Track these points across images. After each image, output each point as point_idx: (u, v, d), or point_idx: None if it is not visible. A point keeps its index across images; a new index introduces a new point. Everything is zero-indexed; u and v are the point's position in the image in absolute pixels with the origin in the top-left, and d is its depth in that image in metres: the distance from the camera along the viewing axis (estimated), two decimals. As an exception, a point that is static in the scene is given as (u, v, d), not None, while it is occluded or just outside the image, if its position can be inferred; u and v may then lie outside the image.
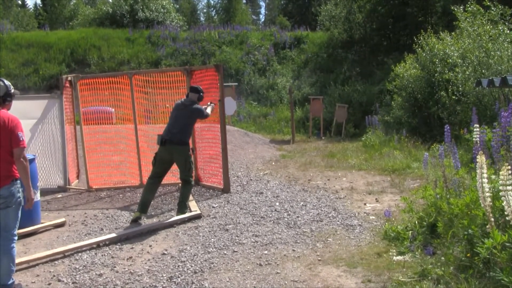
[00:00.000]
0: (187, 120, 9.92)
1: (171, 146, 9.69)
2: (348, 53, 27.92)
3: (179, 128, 9.78)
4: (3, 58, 29.41)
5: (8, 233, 6.30)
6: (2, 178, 6.21)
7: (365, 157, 15.19)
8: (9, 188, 6.27)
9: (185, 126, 9.86)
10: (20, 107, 12.69)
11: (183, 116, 9.91)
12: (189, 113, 9.96)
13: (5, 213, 6.25)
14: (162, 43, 30.78)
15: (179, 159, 9.82)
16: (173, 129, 9.78)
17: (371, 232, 8.49)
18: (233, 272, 7.04)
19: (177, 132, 9.74)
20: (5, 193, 6.22)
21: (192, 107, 9.97)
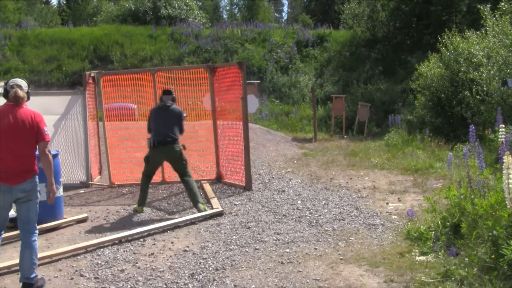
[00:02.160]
0: (173, 120, 10.17)
1: (164, 147, 10.02)
2: (371, 52, 27.77)
3: (169, 128, 10.07)
4: (27, 54, 29.62)
5: (30, 226, 6.48)
6: (25, 173, 6.37)
7: (388, 156, 15.10)
8: (31, 182, 6.42)
9: (174, 126, 10.13)
10: (44, 103, 12.77)
11: (169, 117, 10.18)
12: (173, 113, 10.22)
13: (26, 207, 6.43)
14: (185, 40, 30.80)
15: (175, 157, 10.16)
16: (163, 130, 10.04)
17: (393, 231, 8.43)
18: (254, 269, 7.03)
19: (167, 132, 10.03)
20: (28, 187, 6.38)
21: (175, 108, 10.32)
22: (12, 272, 7.25)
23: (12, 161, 6.28)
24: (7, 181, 6.24)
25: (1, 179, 6.23)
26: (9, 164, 6.27)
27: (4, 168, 6.24)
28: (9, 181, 6.26)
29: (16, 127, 6.34)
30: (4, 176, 6.24)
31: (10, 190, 6.27)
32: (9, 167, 6.26)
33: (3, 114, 6.35)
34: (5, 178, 6.24)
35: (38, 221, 6.97)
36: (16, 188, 6.29)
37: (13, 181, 6.27)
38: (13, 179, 6.28)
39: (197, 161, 13.36)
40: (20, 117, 6.39)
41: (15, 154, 6.30)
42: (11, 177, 6.26)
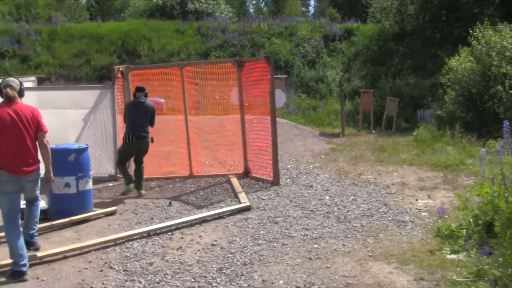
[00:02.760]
0: (146, 116, 11.06)
1: (138, 141, 10.97)
2: (399, 46, 27.45)
3: (142, 124, 10.99)
4: (57, 49, 29.83)
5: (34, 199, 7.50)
6: (31, 164, 6.98)
7: (417, 152, 14.95)
8: (36, 172, 7.12)
9: (146, 121, 11.04)
10: (73, 97, 12.91)
11: (142, 113, 11.04)
12: (146, 109, 11.09)
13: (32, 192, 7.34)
14: (212, 35, 30.77)
15: (144, 149, 11.19)
16: (137, 126, 10.96)
17: (423, 229, 8.35)
18: (282, 265, 7.02)
19: (141, 127, 10.97)
20: (33, 177, 7.10)
21: (148, 104, 11.19)
22: (44, 263, 7.31)
23: (20, 154, 6.85)
24: (15, 173, 6.80)
25: (9, 171, 6.75)
26: (17, 157, 6.82)
27: (13, 162, 6.78)
28: (18, 172, 6.83)
29: (19, 122, 6.87)
30: (12, 168, 6.77)
31: (18, 181, 6.86)
32: (17, 160, 6.82)
33: (2, 111, 6.89)
34: (13, 170, 6.78)
35: (69, 214, 9.07)
36: (24, 179, 6.93)
37: (21, 172, 6.86)
38: (21, 170, 6.85)
39: (225, 155, 13.39)
40: (21, 112, 6.94)
41: (21, 147, 6.86)
42: (19, 169, 6.83)
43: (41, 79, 24.37)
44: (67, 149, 9.60)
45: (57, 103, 12.82)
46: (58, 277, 6.81)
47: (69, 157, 9.46)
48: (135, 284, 6.51)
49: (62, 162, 9.42)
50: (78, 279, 6.74)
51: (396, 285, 6.23)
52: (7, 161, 6.75)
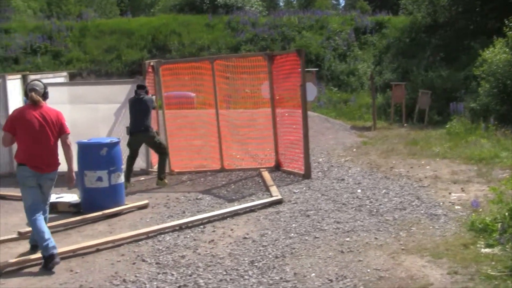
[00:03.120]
0: (144, 110, 11.50)
1: (138, 134, 11.46)
2: (431, 38, 27.12)
3: (141, 119, 11.42)
4: (88, 45, 30.05)
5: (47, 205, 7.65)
6: (54, 163, 7.42)
7: (450, 145, 14.78)
8: (55, 172, 7.49)
9: (144, 115, 11.48)
10: (104, 92, 13.02)
11: (140, 108, 11.49)
12: (144, 103, 11.54)
13: (47, 193, 7.54)
14: (242, 29, 30.72)
15: (149, 142, 11.74)
16: (136, 121, 11.45)
17: (456, 222, 8.26)
18: (314, 258, 7.00)
19: (140, 122, 11.41)
20: (53, 176, 7.48)
21: (147, 98, 11.63)
22: (77, 255, 7.39)
23: (43, 154, 7.27)
24: (38, 170, 7.23)
25: (34, 168, 7.21)
26: (41, 156, 7.25)
27: (36, 159, 7.22)
28: (40, 170, 7.25)
29: (44, 124, 7.26)
30: (36, 165, 7.21)
31: (40, 177, 7.29)
32: (41, 158, 7.25)
33: (28, 113, 7.29)
34: (38, 167, 7.22)
35: (101, 207, 9.30)
36: (45, 176, 7.32)
37: (43, 170, 7.28)
38: (43, 168, 7.27)
39: (256, 149, 13.40)
40: (46, 115, 7.33)
41: (45, 148, 7.28)
42: (42, 166, 7.25)
43: (72, 74, 24.49)
44: (99, 144, 9.70)
45: (88, 98, 12.96)
46: (91, 270, 6.88)
47: (101, 151, 9.55)
48: (167, 276, 6.55)
49: (94, 157, 9.54)
50: (111, 271, 6.81)
51: (429, 278, 6.17)
52: (32, 160, 7.21)
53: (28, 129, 7.21)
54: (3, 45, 29.61)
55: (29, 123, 7.22)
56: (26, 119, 7.24)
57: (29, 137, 7.21)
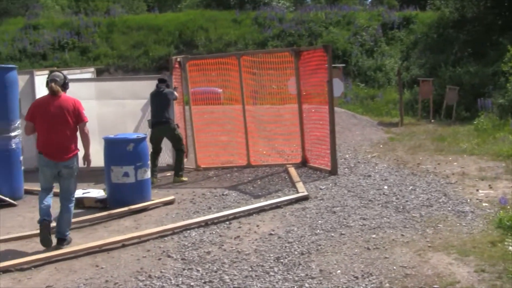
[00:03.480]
0: (164, 103, 11.68)
1: (159, 126, 11.63)
2: (459, 33, 26.85)
3: (161, 111, 11.61)
4: (115, 41, 30.24)
5: (69, 195, 7.86)
6: (70, 151, 7.65)
7: (477, 141, 14.65)
8: (73, 160, 7.72)
9: (165, 108, 11.65)
10: (131, 88, 13.10)
11: (161, 101, 11.69)
12: (164, 96, 11.72)
13: (68, 182, 7.78)
14: (269, 24, 30.69)
15: (169, 134, 11.78)
16: (157, 113, 11.67)
17: (484, 219, 8.19)
18: (340, 254, 6.99)
19: (160, 114, 11.60)
20: (70, 164, 7.68)
21: (167, 91, 11.81)
22: (103, 251, 7.45)
23: (58, 142, 7.55)
24: (53, 158, 7.55)
25: (49, 156, 7.54)
26: (56, 145, 7.54)
27: (51, 148, 7.54)
28: (56, 158, 7.55)
29: (60, 113, 7.54)
30: (51, 154, 7.54)
31: (55, 165, 7.59)
32: (56, 147, 7.54)
33: (46, 103, 7.65)
34: (52, 156, 7.54)
35: (127, 203, 9.39)
36: (60, 164, 7.59)
37: (59, 158, 7.56)
38: (59, 157, 7.56)
39: (282, 145, 13.40)
40: (63, 105, 7.58)
41: (60, 136, 7.55)
42: (57, 155, 7.55)
43: (100, 70, 24.70)
44: (125, 139, 9.75)
45: (115, 94, 13.06)
46: (117, 265, 6.93)
47: (128, 147, 9.60)
48: (193, 272, 6.57)
49: (121, 152, 9.59)
50: (136, 267, 6.85)
51: (456, 276, 6.12)
52: (47, 148, 7.55)
53: (45, 118, 7.55)
54: (31, 41, 29.94)
55: (45, 113, 7.56)
56: (43, 109, 7.60)
57: (45, 126, 7.56)
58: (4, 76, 10.45)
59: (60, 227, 7.76)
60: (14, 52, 29.20)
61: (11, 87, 10.53)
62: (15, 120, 10.62)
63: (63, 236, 7.74)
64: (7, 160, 10.47)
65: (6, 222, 9.06)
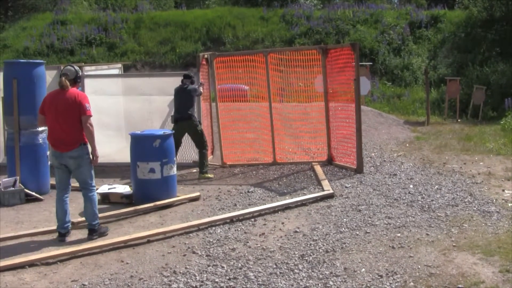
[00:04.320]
0: (188, 99, 11.81)
1: (182, 122, 11.71)
2: (487, 33, 26.64)
3: (184, 107, 11.71)
4: (142, 37, 30.39)
5: (86, 185, 8.01)
6: (72, 143, 7.79)
7: (504, 141, 14.56)
8: (78, 151, 7.82)
9: (188, 104, 11.77)
10: (158, 84, 13.16)
11: (184, 97, 11.81)
12: (188, 93, 11.84)
13: (79, 172, 7.94)
14: (296, 22, 30.67)
15: (191, 130, 11.88)
16: (180, 109, 11.77)
17: (509, 220, 8.17)
18: (365, 253, 7.00)
19: (183, 110, 11.70)
20: (74, 154, 7.80)
21: (190, 88, 11.90)
22: (128, 246, 7.51)
23: (60, 133, 7.79)
24: (58, 149, 7.82)
25: (54, 147, 7.86)
26: (59, 136, 7.80)
27: (55, 139, 7.85)
28: (60, 148, 7.81)
29: (64, 106, 7.76)
30: (56, 144, 7.84)
31: (61, 156, 7.82)
32: (59, 138, 7.81)
33: (54, 97, 7.92)
34: (57, 146, 7.83)
35: (153, 199, 9.47)
36: (65, 155, 7.79)
37: (62, 149, 7.79)
38: (62, 147, 7.80)
39: (309, 142, 13.40)
40: (67, 98, 7.79)
41: (63, 128, 7.77)
42: (61, 145, 7.80)
43: (127, 66, 24.91)
44: (152, 135, 9.80)
45: (142, 90, 13.14)
46: (142, 261, 6.98)
47: (154, 143, 9.66)
48: (218, 269, 6.61)
49: (147, 148, 9.64)
50: (161, 263, 6.90)
51: (480, 276, 6.11)
52: (52, 139, 7.91)
53: (50, 111, 7.84)
54: (59, 37, 30.21)
55: (51, 106, 7.85)
56: (50, 102, 7.91)
57: (51, 119, 7.86)
58: (32, 71, 10.57)
59: (86, 218, 8.07)
60: (42, 48, 29.50)
61: (39, 82, 10.64)
62: (43, 115, 10.73)
63: (91, 227, 8.00)
64: (33, 154, 10.57)
65: (32, 217, 9.17)
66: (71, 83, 7.91)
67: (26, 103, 10.41)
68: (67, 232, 7.96)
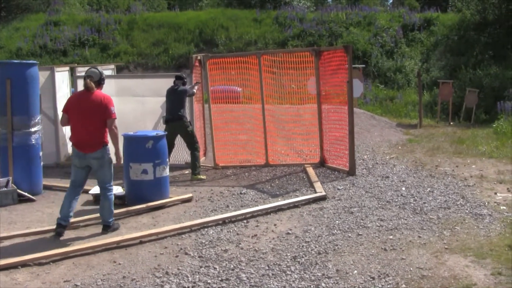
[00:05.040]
0: (179, 100, 11.80)
1: (172, 123, 11.71)
2: (480, 36, 26.73)
3: (175, 108, 11.74)
4: (135, 38, 30.38)
5: (106, 185, 8.19)
6: (97, 144, 7.95)
7: (496, 144, 14.60)
8: (101, 152, 7.99)
9: (179, 105, 11.78)
10: (151, 85, 13.17)
11: (175, 98, 11.79)
12: (179, 94, 11.82)
13: (102, 172, 8.10)
14: (289, 24, 30.72)
15: (182, 131, 11.83)
16: (171, 110, 11.78)
17: (501, 223, 8.19)
18: (357, 255, 7.00)
19: (174, 111, 11.72)
20: (98, 155, 7.97)
21: (181, 89, 11.88)
22: (121, 247, 7.48)
23: (85, 135, 7.93)
24: (82, 150, 7.95)
25: (78, 148, 7.98)
26: (83, 137, 7.94)
27: (79, 140, 7.97)
28: (84, 150, 7.94)
29: (89, 108, 7.92)
30: (79, 145, 7.97)
31: (84, 157, 7.96)
32: (83, 139, 7.95)
33: (79, 98, 8.12)
34: (81, 147, 7.96)
35: (145, 200, 9.50)
36: (89, 156, 7.95)
37: (86, 150, 7.94)
38: (86, 148, 7.94)
39: (301, 144, 13.42)
40: (92, 100, 7.95)
41: (88, 129, 7.92)
42: (85, 147, 7.93)
43: (119, 67, 24.85)
44: (145, 136, 9.79)
45: (135, 91, 13.14)
46: (135, 261, 6.97)
47: (147, 144, 9.65)
48: (210, 270, 6.60)
49: (140, 149, 9.63)
50: (154, 263, 6.89)
51: (472, 279, 6.13)
52: (77, 140, 8.00)
53: (75, 112, 7.98)
54: (52, 38, 30.17)
55: (77, 106, 7.99)
56: (75, 103, 8.06)
57: (76, 119, 7.99)
58: (25, 71, 10.55)
59: (102, 215, 8.25)
60: (35, 48, 29.46)
61: (32, 83, 10.62)
62: (36, 115, 10.70)
63: (106, 223, 8.23)
64: (26, 155, 10.54)
65: (25, 217, 9.14)
66: (95, 85, 8.08)
67: (19, 103, 10.38)
68: (66, 225, 8.08)
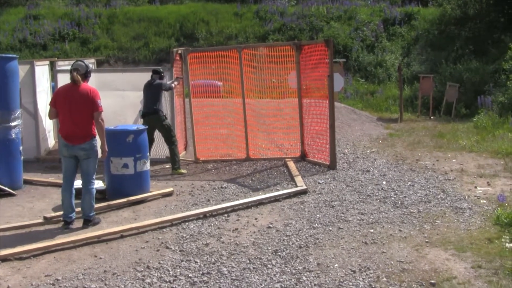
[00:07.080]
0: (154, 94, 11.81)
1: (148, 117, 11.71)
2: (461, 30, 26.76)
3: (151, 102, 11.76)
4: (116, 32, 30.18)
5: (89, 177, 8.33)
6: (85, 136, 8.15)
7: (477, 138, 14.67)
8: (89, 144, 8.19)
9: (154, 99, 11.78)
10: (131, 79, 13.13)
11: (151, 92, 11.83)
12: (154, 88, 11.83)
13: (87, 163, 8.26)
14: (270, 18, 30.65)
15: (158, 125, 11.81)
16: (147, 104, 11.82)
17: (481, 216, 8.23)
18: (338, 248, 7.02)
19: (149, 105, 11.75)
20: (86, 147, 8.15)
21: (157, 83, 11.87)
22: (101, 241, 7.45)
23: (74, 128, 8.10)
24: (70, 141, 8.12)
25: (66, 140, 8.15)
26: (72, 130, 8.11)
27: (69, 133, 8.12)
28: (71, 141, 8.11)
29: (76, 101, 8.12)
30: (69, 138, 8.12)
31: (72, 148, 8.13)
32: (72, 132, 8.11)
33: (67, 90, 8.28)
34: (68, 139, 8.12)
35: (126, 194, 9.53)
36: (76, 147, 8.12)
37: (74, 141, 8.10)
38: (74, 140, 8.10)
39: (282, 138, 13.41)
40: (80, 93, 8.15)
41: (75, 122, 8.10)
42: (73, 138, 8.10)
43: (100, 61, 24.68)
44: (125, 130, 9.76)
45: (116, 85, 13.07)
46: (116, 256, 6.96)
47: (127, 138, 9.62)
48: (191, 264, 6.60)
49: (121, 143, 9.60)
50: (135, 258, 6.88)
51: (452, 272, 6.16)
52: (64, 131, 8.19)
53: (63, 105, 8.16)
54: (32, 32, 29.90)
55: (64, 99, 8.17)
56: (63, 96, 8.24)
57: (64, 112, 8.17)
58: (5, 66, 10.45)
59: (83, 208, 8.32)
60: (14, 42, 29.16)
61: (12, 77, 10.54)
62: (16, 110, 10.63)
63: (87, 217, 8.30)
64: (6, 150, 10.48)
65: (5, 212, 9.08)
66: (82, 78, 8.23)
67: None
68: (72, 221, 8.23)
